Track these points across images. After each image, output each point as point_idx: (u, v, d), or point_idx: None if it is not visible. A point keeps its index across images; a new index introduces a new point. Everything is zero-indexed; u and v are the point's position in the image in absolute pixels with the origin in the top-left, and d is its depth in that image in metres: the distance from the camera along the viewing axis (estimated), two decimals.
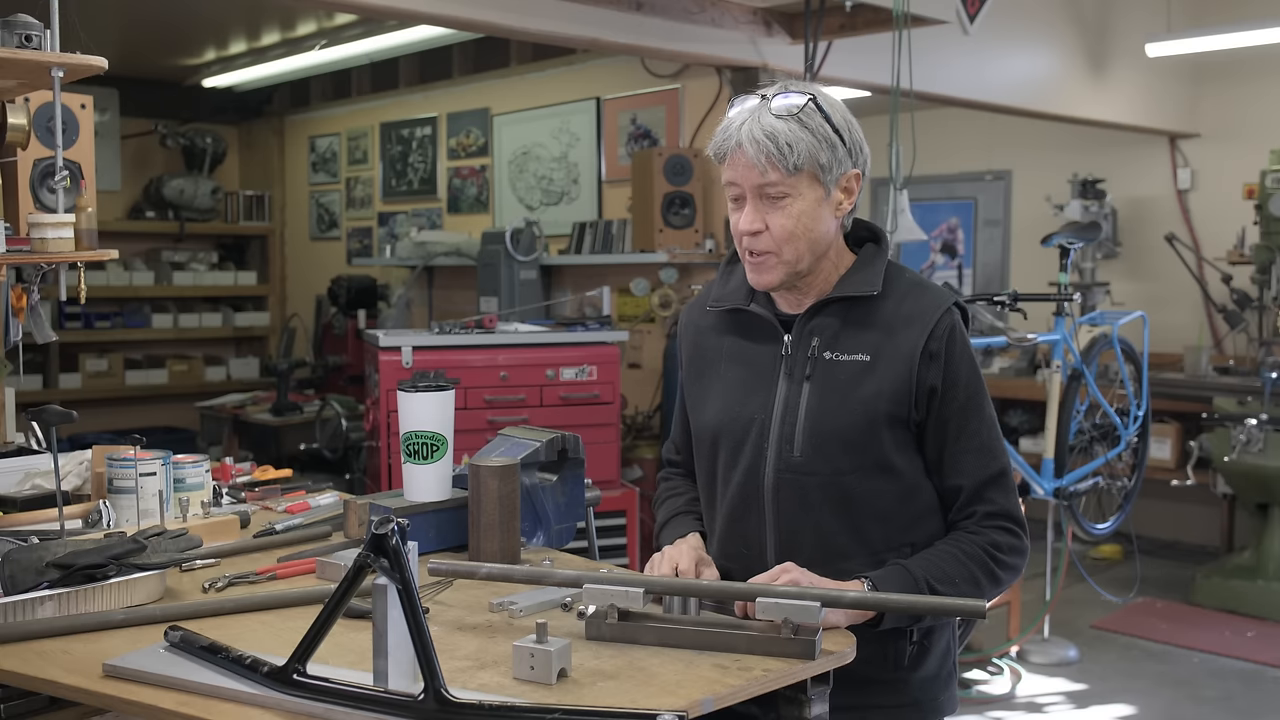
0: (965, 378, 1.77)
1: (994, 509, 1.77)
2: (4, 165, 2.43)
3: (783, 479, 1.78)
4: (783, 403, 1.79)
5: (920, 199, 7.06)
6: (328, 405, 5.75)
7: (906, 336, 1.75)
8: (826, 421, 1.75)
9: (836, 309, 1.80)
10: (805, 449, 1.76)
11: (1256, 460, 5.24)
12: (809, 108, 1.71)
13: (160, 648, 1.52)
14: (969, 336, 1.81)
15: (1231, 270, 6.12)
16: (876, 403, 1.74)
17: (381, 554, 1.36)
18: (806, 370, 1.78)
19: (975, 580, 1.74)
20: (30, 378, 6.66)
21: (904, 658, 1.80)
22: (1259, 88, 6.40)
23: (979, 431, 1.77)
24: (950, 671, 1.89)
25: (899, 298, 1.79)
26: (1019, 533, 1.78)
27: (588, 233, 5.48)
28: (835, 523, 1.77)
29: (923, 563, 1.73)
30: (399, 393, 2.10)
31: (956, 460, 1.77)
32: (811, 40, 4.36)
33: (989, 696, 4.44)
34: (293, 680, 1.37)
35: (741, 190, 1.74)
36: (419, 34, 5.91)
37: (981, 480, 1.77)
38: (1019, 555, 1.78)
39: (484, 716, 1.29)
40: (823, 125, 1.71)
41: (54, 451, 2.07)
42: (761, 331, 1.85)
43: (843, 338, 1.78)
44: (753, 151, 1.69)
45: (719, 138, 1.75)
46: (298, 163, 8.11)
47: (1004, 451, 1.80)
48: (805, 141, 1.69)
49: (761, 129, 1.69)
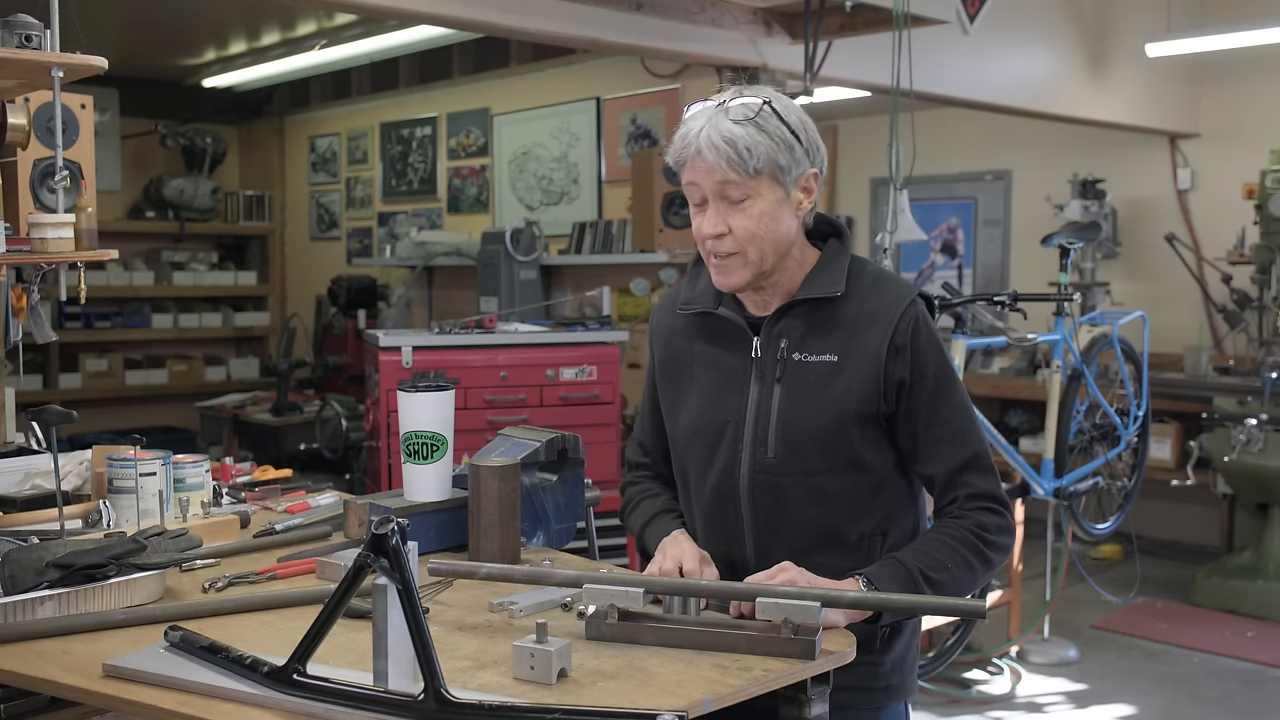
0: (932, 367, 1.79)
1: (974, 491, 1.80)
2: (4, 165, 2.43)
3: (758, 479, 1.82)
4: (755, 405, 1.83)
5: (920, 199, 7.06)
6: (328, 405, 5.75)
7: (871, 334, 1.79)
8: (798, 423, 1.79)
9: (802, 310, 1.82)
10: (779, 450, 1.80)
11: (1256, 460, 5.24)
12: (765, 111, 1.72)
13: (160, 648, 1.52)
14: (933, 325, 1.84)
15: (1231, 270, 6.12)
16: (846, 402, 1.77)
17: (381, 554, 1.36)
18: (777, 373, 1.82)
19: (967, 563, 1.76)
20: (30, 378, 6.66)
21: (875, 641, 1.82)
22: (1259, 88, 6.39)
23: (949, 418, 1.80)
24: (915, 655, 1.94)
25: (862, 295, 1.81)
26: (1003, 511, 1.81)
27: (588, 233, 5.48)
28: (809, 519, 1.80)
29: (914, 553, 1.76)
30: (399, 393, 2.10)
31: (930, 448, 1.80)
32: (811, 40, 4.35)
33: (989, 696, 4.43)
34: (293, 680, 1.37)
35: (703, 193, 1.76)
36: (419, 34, 5.92)
37: (957, 465, 1.80)
38: (1006, 534, 1.80)
39: (484, 716, 1.29)
40: (780, 128, 1.72)
41: (54, 451, 2.07)
42: (731, 335, 1.87)
43: (810, 339, 1.81)
44: (712, 157, 1.71)
45: (677, 144, 1.76)
46: (298, 163, 8.11)
47: (978, 435, 1.83)
48: (764, 145, 1.71)
49: (720, 134, 1.70)
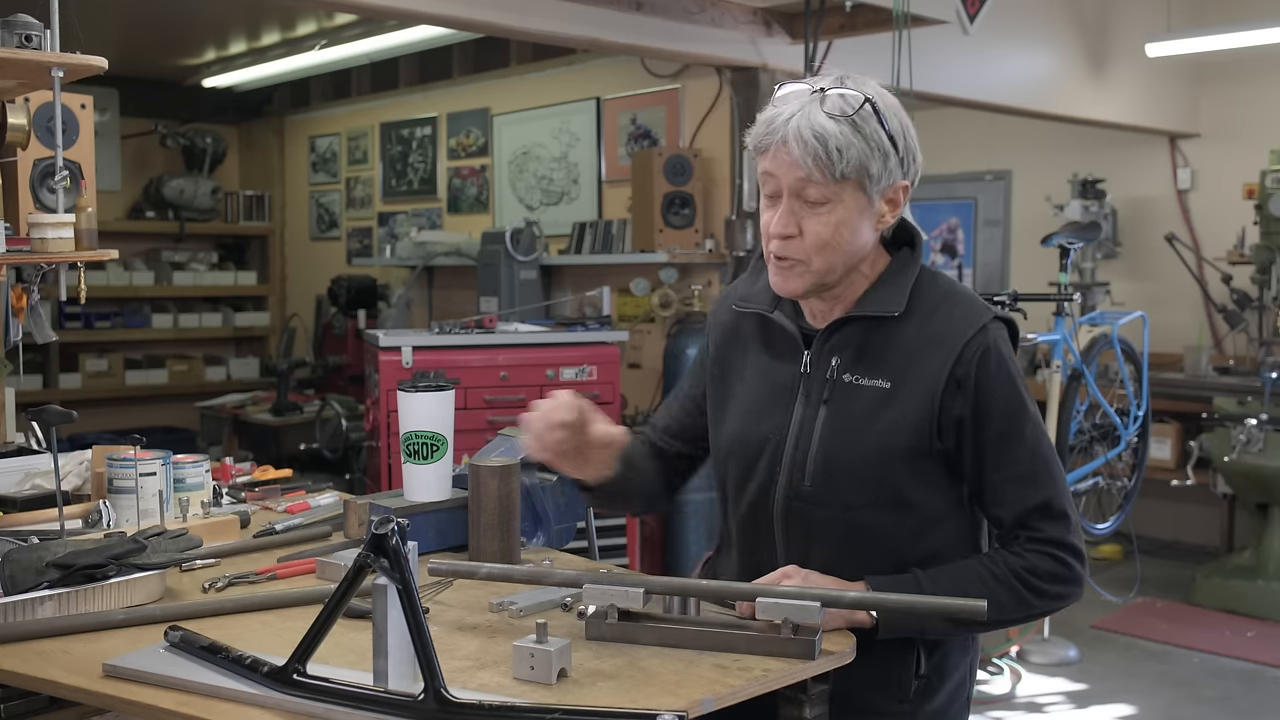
0: (1002, 403, 1.61)
1: (1038, 536, 1.62)
2: (4, 165, 2.43)
3: (792, 506, 1.68)
4: (798, 426, 1.68)
5: (920, 199, 7.06)
6: (328, 405, 5.75)
7: (931, 362, 1.61)
8: (839, 453, 1.64)
9: (858, 327, 1.66)
10: (816, 478, 1.65)
11: (1256, 460, 5.24)
12: (865, 110, 1.55)
13: (160, 648, 1.51)
14: (1009, 355, 1.64)
15: (1231, 270, 6.12)
16: (894, 436, 1.61)
17: (381, 554, 1.36)
18: (824, 394, 1.66)
19: (996, 603, 1.55)
20: (30, 378, 6.66)
21: (908, 690, 1.68)
22: (1259, 88, 6.39)
23: (1020, 459, 1.62)
24: (963, 706, 1.78)
25: (926, 315, 1.64)
26: (1068, 561, 1.62)
27: (588, 233, 5.48)
28: (843, 556, 1.65)
29: (938, 576, 1.62)
30: (399, 393, 2.10)
31: (997, 490, 1.64)
32: (811, 40, 4.35)
33: (989, 696, 4.43)
34: (293, 680, 1.37)
35: (778, 186, 1.59)
36: (419, 34, 5.91)
37: (1025, 510, 1.63)
38: (1064, 584, 1.62)
39: (484, 716, 1.29)
40: (877, 131, 1.56)
41: (54, 451, 2.07)
42: (783, 345, 1.73)
43: (863, 360, 1.65)
44: (799, 151, 1.54)
45: (762, 128, 1.59)
46: (298, 163, 8.11)
47: (1053, 477, 1.64)
48: (857, 148, 1.54)
49: (812, 128, 1.54)
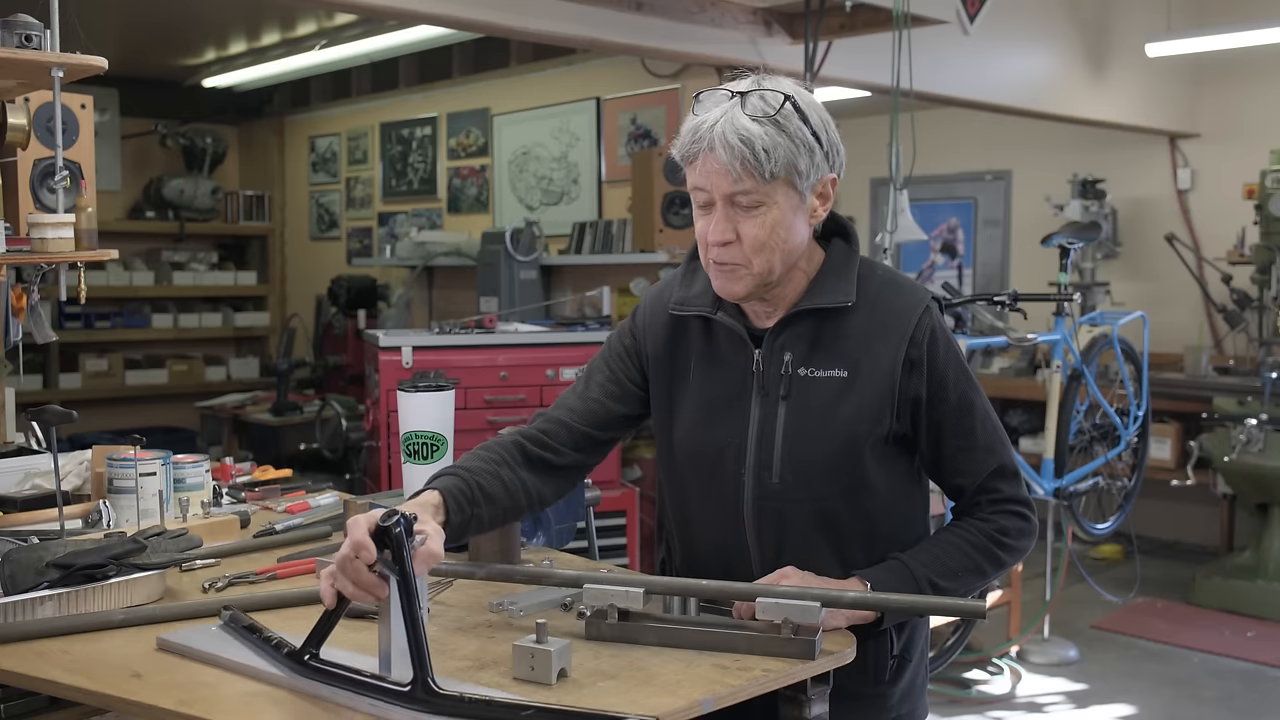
0: (953, 379, 1.69)
1: (1000, 496, 1.72)
2: (4, 165, 2.43)
3: (763, 506, 1.69)
4: (758, 426, 1.69)
5: (920, 199, 7.05)
6: (328, 405, 5.75)
7: (885, 347, 1.66)
8: (806, 447, 1.67)
9: (808, 321, 1.69)
10: (785, 475, 1.67)
11: (1256, 460, 5.24)
12: (787, 109, 1.57)
13: (213, 627, 1.60)
14: (948, 330, 1.73)
15: (1231, 270, 6.12)
16: (857, 423, 1.66)
17: (384, 546, 1.39)
18: (781, 390, 1.68)
19: (978, 569, 1.69)
20: (30, 378, 6.66)
21: (885, 671, 1.74)
22: (1259, 88, 6.39)
23: (973, 429, 1.70)
24: (924, 680, 1.84)
25: (871, 301, 1.69)
26: (1028, 514, 1.74)
27: (588, 233, 5.48)
28: (818, 546, 1.70)
29: (924, 557, 1.68)
30: (399, 393, 2.10)
31: (955, 461, 1.72)
32: (811, 40, 4.35)
33: (989, 696, 4.43)
34: (304, 663, 1.43)
35: (710, 196, 1.60)
36: (419, 34, 5.92)
37: (984, 476, 1.72)
38: (1027, 537, 1.73)
39: (462, 706, 1.32)
40: (801, 128, 1.58)
41: (54, 451, 2.07)
42: (730, 345, 1.73)
43: (818, 352, 1.68)
44: (727, 157, 1.55)
45: (688, 137, 1.60)
46: (298, 163, 8.11)
47: (1003, 443, 1.74)
48: (783, 147, 1.56)
49: (737, 132, 1.55)
